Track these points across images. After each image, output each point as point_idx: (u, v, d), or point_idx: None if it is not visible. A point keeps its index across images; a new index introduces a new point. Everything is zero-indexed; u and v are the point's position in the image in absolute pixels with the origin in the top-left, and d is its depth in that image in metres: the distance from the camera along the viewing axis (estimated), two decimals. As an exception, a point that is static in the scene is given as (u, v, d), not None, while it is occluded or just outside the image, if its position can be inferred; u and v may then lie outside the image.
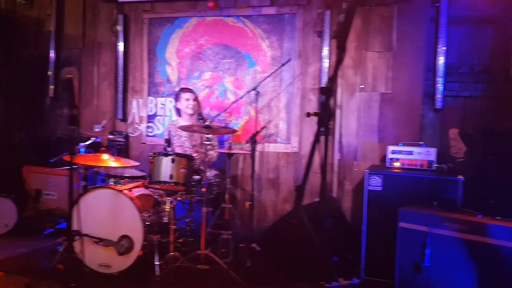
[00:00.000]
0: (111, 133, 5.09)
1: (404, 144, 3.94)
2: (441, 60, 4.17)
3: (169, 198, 3.67)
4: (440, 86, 4.18)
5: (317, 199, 4.53)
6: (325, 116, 1.64)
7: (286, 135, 4.80)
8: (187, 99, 4.52)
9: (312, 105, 4.67)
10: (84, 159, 3.65)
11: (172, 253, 3.60)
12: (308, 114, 1.78)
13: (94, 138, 4.10)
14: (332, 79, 1.68)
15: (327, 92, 1.64)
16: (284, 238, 3.94)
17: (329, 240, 3.89)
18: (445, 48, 4.15)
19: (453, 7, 4.21)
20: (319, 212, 4.11)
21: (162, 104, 5.23)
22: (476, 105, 4.19)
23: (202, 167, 4.02)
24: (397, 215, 3.32)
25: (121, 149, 5.10)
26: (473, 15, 4.22)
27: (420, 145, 3.88)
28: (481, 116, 4.13)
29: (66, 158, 3.69)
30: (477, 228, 2.97)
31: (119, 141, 5.00)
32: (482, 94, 4.19)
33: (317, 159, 4.67)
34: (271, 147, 4.84)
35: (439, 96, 4.19)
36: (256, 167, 4.75)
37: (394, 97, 4.32)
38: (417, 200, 3.47)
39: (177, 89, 5.06)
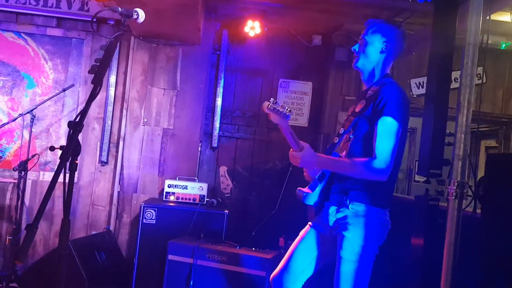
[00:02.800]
0: None
1: (180, 179, 4.12)
2: (219, 102, 4.56)
3: None
4: (217, 126, 4.55)
5: (94, 232, 4.39)
6: (70, 151, 1.63)
7: (64, 163, 4.55)
8: None
9: (96, 134, 4.56)
10: None
11: None
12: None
13: None
14: (84, 114, 1.68)
15: (75, 127, 1.64)
16: (51, 274, 3.67)
17: (102, 274, 3.79)
18: (223, 92, 4.57)
19: (231, 57, 4.70)
20: (92, 246, 3.99)
21: None
22: (246, 146, 4.69)
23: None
24: (166, 247, 3.43)
25: None
26: (246, 66, 4.78)
27: (195, 180, 4.12)
28: (249, 156, 4.63)
29: None
30: (235, 258, 3.26)
31: None
32: (251, 136, 4.71)
33: (101, 191, 4.53)
34: (46, 176, 4.51)
35: (215, 135, 4.56)
36: (28, 198, 4.38)
37: (175, 133, 4.51)
38: (188, 233, 3.66)
39: None
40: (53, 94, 4.34)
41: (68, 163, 1.69)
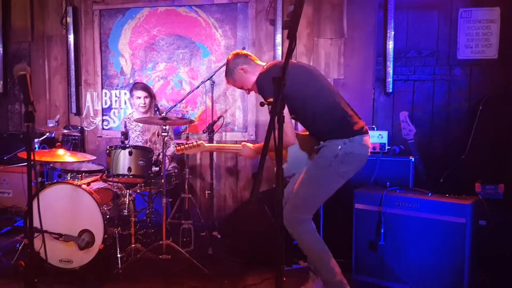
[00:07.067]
0: (65, 128, 4.98)
1: (357, 128, 4.05)
2: (390, 45, 4.31)
3: (129, 190, 3.66)
4: (390, 71, 4.33)
5: (274, 186, 4.62)
6: (278, 104, 1.69)
7: (242, 123, 4.85)
8: (139, 97, 4.41)
9: (268, 93, 4.73)
10: (39, 155, 3.57)
11: (133, 245, 3.60)
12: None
13: (48, 133, 4.01)
14: (284, 69, 1.72)
15: (279, 81, 1.69)
16: (244, 224, 3.99)
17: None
18: (394, 33, 4.30)
19: (399, -7, 4.37)
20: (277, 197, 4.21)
21: (116, 96, 5.16)
22: (425, 88, 4.38)
23: (160, 159, 4.01)
24: (352, 196, 3.44)
25: (77, 144, 5.00)
26: (418, 1, 4.39)
27: (373, 129, 4.02)
28: (429, 98, 4.33)
29: (21, 155, 3.61)
30: (428, 205, 3.12)
31: (74, 136, 4.90)
32: (430, 77, 4.38)
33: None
34: (228, 136, 4.87)
35: (389, 80, 4.34)
36: (214, 157, 4.79)
37: (346, 83, 4.44)
38: (371, 182, 3.62)
39: (131, 81, 5.02)
40: (228, 59, 4.57)
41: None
